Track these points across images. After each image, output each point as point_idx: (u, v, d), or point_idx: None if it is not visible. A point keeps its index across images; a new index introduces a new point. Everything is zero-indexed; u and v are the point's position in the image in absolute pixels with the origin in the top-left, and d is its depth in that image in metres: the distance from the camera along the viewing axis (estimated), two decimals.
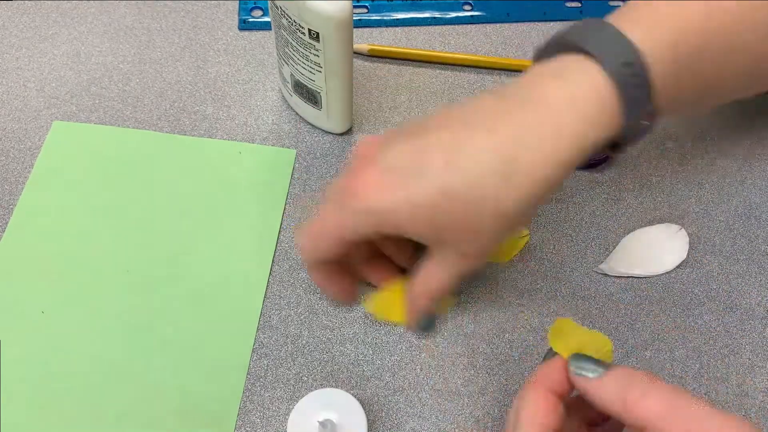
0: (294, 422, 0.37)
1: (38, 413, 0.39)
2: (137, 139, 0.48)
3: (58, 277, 0.43)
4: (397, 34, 0.54)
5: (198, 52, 0.53)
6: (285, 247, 0.45)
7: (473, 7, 0.56)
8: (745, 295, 0.44)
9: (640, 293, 0.44)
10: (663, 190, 0.48)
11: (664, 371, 0.42)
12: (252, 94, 0.51)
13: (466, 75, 0.53)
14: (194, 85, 0.51)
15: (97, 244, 0.44)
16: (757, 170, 0.49)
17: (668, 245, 0.45)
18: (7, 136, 0.48)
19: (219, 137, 0.49)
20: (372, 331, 0.42)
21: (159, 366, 0.41)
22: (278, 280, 0.44)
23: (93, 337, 0.41)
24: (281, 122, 0.50)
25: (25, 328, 0.41)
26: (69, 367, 0.40)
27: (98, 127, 0.49)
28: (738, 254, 0.46)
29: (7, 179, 0.46)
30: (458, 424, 0.40)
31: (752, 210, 0.47)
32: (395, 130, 0.35)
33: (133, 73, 0.51)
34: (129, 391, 0.40)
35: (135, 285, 0.43)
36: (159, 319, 0.42)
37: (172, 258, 0.44)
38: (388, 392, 0.41)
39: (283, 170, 0.48)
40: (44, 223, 0.45)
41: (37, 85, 0.50)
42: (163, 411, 0.39)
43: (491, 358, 0.42)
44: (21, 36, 0.53)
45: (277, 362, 0.41)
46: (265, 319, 0.42)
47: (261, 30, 0.54)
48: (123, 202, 0.46)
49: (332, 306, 0.43)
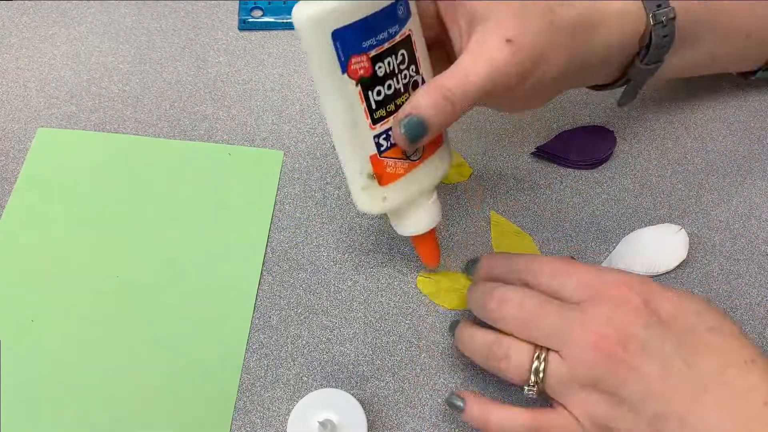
0: (294, 422, 0.37)
1: (31, 421, 0.39)
2: (124, 145, 0.48)
3: (47, 285, 0.43)
4: None
5: (198, 52, 0.53)
6: (278, 246, 0.45)
7: None
8: (745, 295, 0.44)
9: None
10: (663, 190, 0.48)
11: None
12: (252, 94, 0.51)
13: None
14: (194, 85, 0.51)
15: (86, 250, 0.44)
16: (757, 170, 0.49)
17: (668, 245, 0.45)
18: (7, 136, 0.48)
19: (219, 137, 0.49)
20: (372, 331, 0.42)
21: (151, 371, 0.41)
22: (278, 280, 0.44)
23: (84, 344, 0.41)
24: (281, 122, 0.50)
25: (15, 337, 0.41)
26: (61, 374, 0.40)
27: (84, 132, 0.48)
28: (738, 254, 0.46)
29: (7, 179, 0.46)
30: (458, 424, 0.40)
31: (752, 210, 0.47)
32: None
33: (133, 74, 0.51)
34: (122, 397, 0.40)
35: (125, 290, 0.43)
36: (150, 324, 0.42)
37: (162, 262, 0.44)
38: (388, 392, 0.41)
39: (271, 171, 0.48)
40: (32, 230, 0.45)
41: (37, 85, 0.50)
42: (156, 415, 0.39)
43: None
44: (21, 36, 0.53)
45: (277, 362, 0.41)
46: (265, 320, 0.42)
47: (261, 30, 0.54)
48: (111, 207, 0.46)
49: (333, 306, 0.43)
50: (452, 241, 0.45)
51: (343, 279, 0.44)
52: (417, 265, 0.44)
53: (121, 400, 0.40)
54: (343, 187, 0.47)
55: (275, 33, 0.54)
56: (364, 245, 0.45)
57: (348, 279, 0.44)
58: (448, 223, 0.46)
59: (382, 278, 0.44)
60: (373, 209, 0.38)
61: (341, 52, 0.33)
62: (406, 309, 0.43)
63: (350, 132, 0.35)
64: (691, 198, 0.48)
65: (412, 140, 0.34)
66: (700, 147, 0.50)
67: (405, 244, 0.45)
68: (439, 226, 0.46)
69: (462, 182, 0.48)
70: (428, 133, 0.34)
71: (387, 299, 0.43)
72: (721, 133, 0.50)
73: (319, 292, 0.44)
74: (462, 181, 0.48)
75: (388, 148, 0.36)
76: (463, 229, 0.46)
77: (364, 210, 0.38)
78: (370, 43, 0.33)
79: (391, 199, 0.37)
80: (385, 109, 0.35)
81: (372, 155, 0.36)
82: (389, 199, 0.37)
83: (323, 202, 0.47)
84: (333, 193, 0.47)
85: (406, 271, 0.44)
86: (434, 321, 0.43)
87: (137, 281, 0.43)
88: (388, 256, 0.45)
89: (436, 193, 0.40)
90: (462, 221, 0.46)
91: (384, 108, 0.35)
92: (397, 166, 0.36)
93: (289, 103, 0.51)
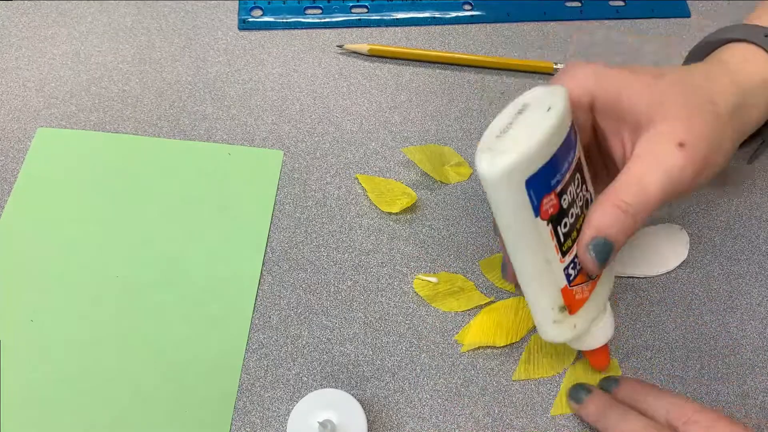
0: (294, 422, 0.37)
1: (31, 421, 0.39)
2: (124, 144, 0.48)
3: (47, 285, 0.43)
4: (397, 34, 0.54)
5: (198, 52, 0.53)
6: (278, 246, 0.45)
7: (473, 7, 0.56)
8: (745, 295, 0.44)
9: (641, 293, 0.44)
10: None
11: (664, 371, 0.42)
12: (252, 94, 0.51)
13: (466, 75, 0.53)
14: (194, 85, 0.51)
15: (86, 250, 0.44)
16: (757, 170, 0.49)
17: (668, 245, 0.45)
18: (7, 136, 0.48)
19: (219, 137, 0.49)
20: (372, 332, 0.42)
21: (151, 371, 0.41)
22: (278, 280, 0.44)
23: (83, 344, 0.41)
24: (281, 122, 0.50)
25: (14, 337, 0.41)
26: (60, 374, 0.40)
27: (84, 132, 0.48)
28: (738, 254, 0.46)
29: (6, 179, 0.46)
30: (458, 424, 0.40)
31: (752, 210, 0.47)
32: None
33: (133, 74, 0.51)
34: (121, 397, 0.40)
35: (125, 290, 0.43)
36: (150, 324, 0.42)
37: (162, 262, 0.44)
38: (388, 392, 0.41)
39: (271, 171, 0.47)
40: (32, 230, 0.45)
41: (37, 85, 0.50)
42: (156, 415, 0.39)
43: (491, 358, 0.42)
44: (21, 36, 0.53)
45: (277, 362, 0.41)
46: (265, 320, 0.42)
47: (261, 30, 0.54)
48: (111, 207, 0.46)
49: (333, 306, 0.43)
50: (452, 242, 0.45)
51: (343, 279, 0.44)
52: (417, 266, 0.44)
53: (121, 400, 0.40)
54: (343, 187, 0.47)
55: (275, 33, 0.54)
56: (364, 245, 0.45)
57: (348, 279, 0.44)
58: (448, 223, 0.46)
59: (382, 278, 0.44)
60: (564, 339, 0.37)
61: (534, 198, 0.32)
62: (406, 309, 0.43)
63: (543, 271, 0.34)
64: (691, 198, 0.48)
65: (601, 262, 0.33)
66: None
67: (405, 244, 0.45)
68: (443, 229, 0.46)
69: (462, 182, 0.48)
70: (614, 251, 0.33)
71: (387, 299, 0.43)
72: None
73: (319, 292, 0.43)
74: (462, 181, 0.48)
75: (576, 276, 0.35)
76: (463, 229, 0.46)
77: (553, 341, 0.37)
78: (556, 179, 0.32)
79: (580, 324, 0.37)
80: (570, 238, 0.34)
81: (563, 288, 0.35)
82: (579, 325, 0.37)
83: (323, 202, 0.47)
84: (333, 193, 0.47)
85: (406, 271, 0.44)
86: (434, 321, 0.43)
87: (137, 281, 0.43)
88: (388, 256, 0.45)
89: (609, 304, 0.39)
90: (462, 221, 0.46)
91: (569, 238, 0.34)
92: (583, 291, 0.36)
93: (289, 103, 0.51)
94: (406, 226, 0.46)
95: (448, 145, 0.49)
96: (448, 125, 0.50)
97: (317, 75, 0.52)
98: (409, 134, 0.50)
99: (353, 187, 0.47)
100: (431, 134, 0.50)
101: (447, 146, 0.49)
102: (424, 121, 0.50)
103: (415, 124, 0.50)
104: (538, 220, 0.32)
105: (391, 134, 0.49)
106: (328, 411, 0.37)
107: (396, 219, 0.46)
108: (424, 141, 0.49)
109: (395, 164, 0.48)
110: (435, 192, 0.47)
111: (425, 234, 0.46)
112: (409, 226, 0.46)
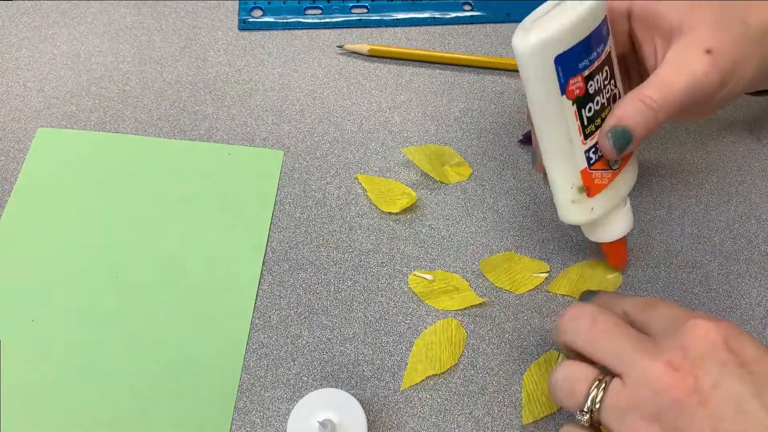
0: (294, 422, 0.37)
1: (31, 421, 0.39)
2: (124, 144, 0.48)
3: (47, 285, 0.43)
4: (397, 34, 0.54)
5: (198, 52, 0.53)
6: (278, 246, 0.45)
7: (473, 7, 0.56)
8: (745, 295, 0.44)
9: (641, 293, 0.44)
10: (663, 190, 0.48)
11: None
12: (252, 94, 0.51)
13: (466, 75, 0.53)
14: (194, 85, 0.51)
15: (86, 250, 0.44)
16: (757, 170, 0.49)
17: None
18: (7, 136, 0.48)
19: (219, 137, 0.49)
20: (372, 331, 0.42)
21: (151, 371, 0.41)
22: (278, 280, 0.44)
23: (84, 344, 0.41)
24: (281, 122, 0.50)
25: (15, 337, 0.41)
26: (60, 374, 0.40)
27: (84, 132, 0.48)
28: (738, 254, 0.46)
29: (7, 179, 0.46)
30: (458, 424, 0.40)
31: (752, 210, 0.47)
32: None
33: (133, 74, 0.51)
34: (121, 397, 0.40)
35: (125, 290, 0.43)
36: (150, 324, 0.42)
37: (162, 262, 0.44)
38: (388, 392, 0.41)
39: (271, 171, 0.48)
40: (32, 230, 0.45)
41: (37, 85, 0.50)
42: (156, 415, 0.39)
43: (491, 358, 0.42)
44: (21, 36, 0.53)
45: (277, 362, 0.41)
46: (265, 319, 0.42)
47: (261, 30, 0.54)
48: (111, 207, 0.46)
49: (333, 306, 0.43)
50: (452, 242, 0.45)
51: (343, 279, 0.44)
52: (417, 266, 0.44)
53: (121, 399, 0.40)
54: (343, 187, 0.47)
55: (275, 33, 0.54)
56: (364, 245, 0.45)
57: (348, 279, 0.44)
58: (448, 223, 0.46)
59: (381, 278, 0.44)
60: (580, 220, 0.39)
61: (561, 76, 0.34)
62: (406, 309, 0.43)
63: (565, 149, 0.37)
64: (691, 198, 0.48)
65: (619, 149, 0.36)
66: (700, 147, 0.50)
67: (405, 244, 0.45)
68: (442, 229, 0.46)
69: (462, 182, 0.48)
70: (633, 142, 0.36)
71: (387, 299, 0.43)
72: (721, 133, 0.50)
73: (319, 292, 0.44)
74: (462, 181, 0.48)
75: (597, 160, 0.37)
76: (463, 229, 0.46)
77: (571, 221, 0.40)
78: (584, 63, 0.35)
79: (597, 208, 0.39)
80: (594, 124, 0.37)
81: (583, 169, 0.37)
82: (596, 209, 0.39)
83: (323, 202, 0.47)
84: (333, 193, 0.47)
85: (406, 271, 0.44)
86: (434, 321, 0.43)
87: (137, 281, 0.43)
88: (388, 256, 0.45)
89: (629, 200, 0.41)
90: (462, 221, 0.46)
91: (593, 123, 0.36)
92: (603, 177, 0.38)
93: (289, 103, 0.51)
94: (406, 226, 0.46)
95: (448, 145, 0.49)
96: (448, 125, 0.50)
97: (317, 75, 0.52)
98: (409, 134, 0.50)
99: (353, 187, 0.47)
100: (431, 134, 0.50)
101: (447, 146, 0.49)
102: (424, 121, 0.50)
103: (415, 124, 0.50)
104: (563, 99, 0.35)
105: (391, 134, 0.50)
106: (328, 411, 0.37)
107: (396, 219, 0.46)
108: (424, 141, 0.49)
109: (395, 164, 0.48)
110: (435, 192, 0.47)
111: (425, 234, 0.46)
112: (409, 226, 0.46)
